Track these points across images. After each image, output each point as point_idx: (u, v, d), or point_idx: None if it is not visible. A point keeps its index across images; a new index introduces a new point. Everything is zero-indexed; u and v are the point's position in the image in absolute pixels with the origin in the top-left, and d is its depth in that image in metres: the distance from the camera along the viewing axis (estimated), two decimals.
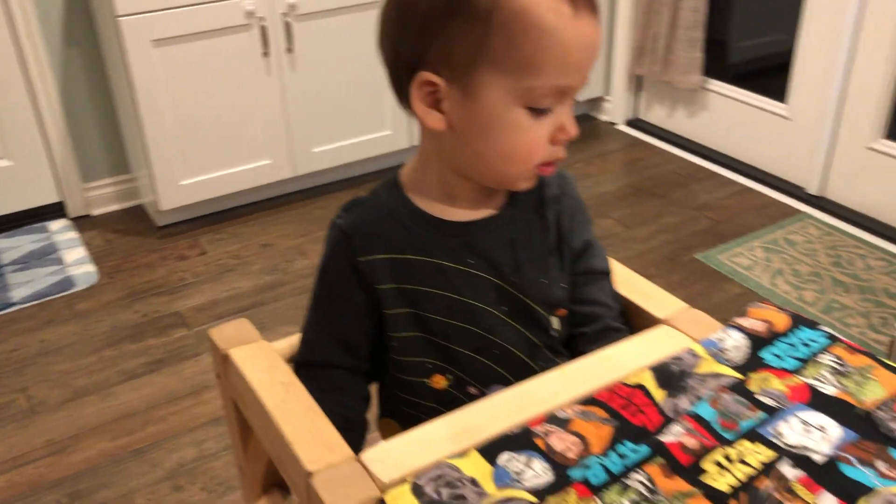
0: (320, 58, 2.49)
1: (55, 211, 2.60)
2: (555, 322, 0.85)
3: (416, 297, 0.80)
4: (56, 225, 2.55)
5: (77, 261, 2.35)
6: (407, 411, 0.86)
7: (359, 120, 2.64)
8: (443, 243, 0.80)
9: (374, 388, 0.92)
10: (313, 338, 0.85)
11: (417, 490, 0.60)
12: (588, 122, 3.24)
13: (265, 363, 0.75)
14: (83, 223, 2.60)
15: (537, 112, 0.72)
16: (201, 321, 2.10)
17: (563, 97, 0.72)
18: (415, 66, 0.72)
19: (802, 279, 2.19)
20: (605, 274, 0.88)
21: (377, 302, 0.81)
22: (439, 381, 0.83)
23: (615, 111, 3.18)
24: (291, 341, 0.86)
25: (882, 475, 0.61)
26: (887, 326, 1.98)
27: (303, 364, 0.85)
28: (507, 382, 0.81)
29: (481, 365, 0.82)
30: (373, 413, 0.91)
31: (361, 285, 0.81)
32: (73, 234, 2.50)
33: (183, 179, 2.43)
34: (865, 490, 0.60)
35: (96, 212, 2.66)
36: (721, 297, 2.13)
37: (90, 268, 2.32)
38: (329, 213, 2.69)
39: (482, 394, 0.83)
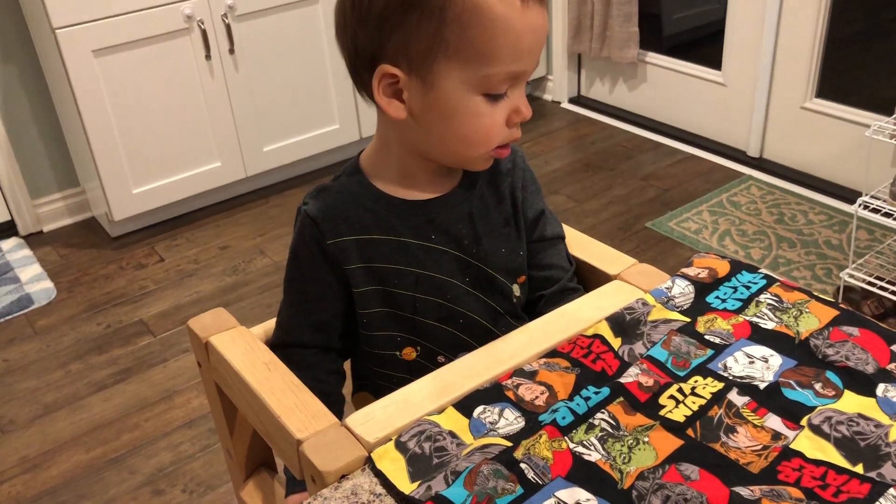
0: (263, 57, 2.50)
1: (6, 230, 2.57)
2: (516, 289, 0.90)
3: (384, 275, 0.85)
4: (8, 244, 2.52)
5: (33, 278, 2.34)
6: (380, 384, 0.91)
7: (306, 116, 2.66)
8: (406, 222, 0.84)
9: (347, 365, 0.96)
10: (287, 320, 0.89)
11: (401, 446, 0.64)
12: (533, 102, 3.30)
13: (246, 346, 0.79)
14: (36, 240, 2.58)
15: (494, 98, 0.76)
16: (166, 327, 2.11)
17: (517, 81, 0.77)
18: (374, 59, 0.76)
19: (749, 238, 2.28)
20: (560, 238, 0.93)
21: (347, 282, 0.85)
22: (409, 353, 0.88)
23: (558, 90, 3.24)
24: (267, 326, 0.90)
25: (818, 395, 0.67)
26: (831, 276, 2.07)
27: (278, 346, 0.88)
28: (473, 350, 0.86)
29: (448, 334, 0.87)
30: (348, 389, 0.95)
31: (331, 267, 0.85)
32: (26, 252, 2.48)
33: (134, 188, 2.43)
34: (806, 409, 0.66)
35: (48, 227, 2.63)
36: (674, 262, 2.21)
37: (48, 284, 2.31)
38: (285, 211, 2.71)
39: (451, 362, 0.87)
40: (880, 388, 0.67)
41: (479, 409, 0.68)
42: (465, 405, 0.68)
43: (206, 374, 0.85)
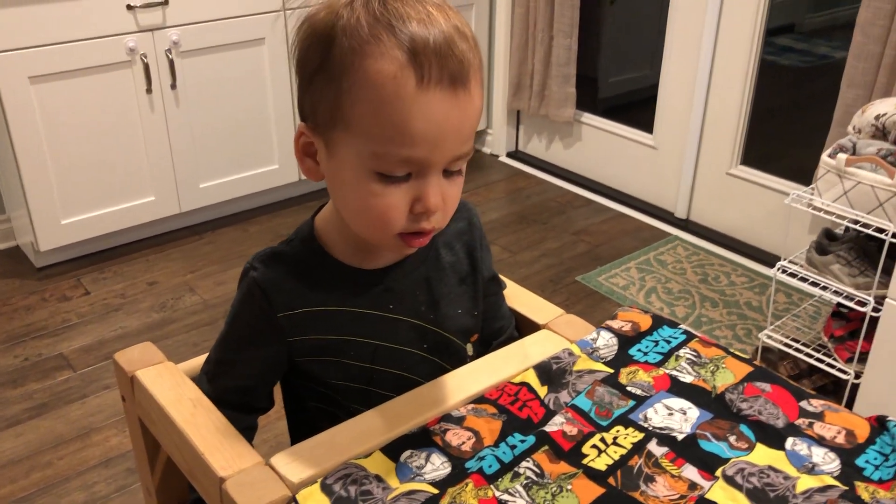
0: (205, 94, 2.50)
1: None
2: (469, 348, 0.89)
3: (341, 346, 0.81)
4: None
5: None
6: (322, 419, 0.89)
7: (245, 155, 2.65)
8: (363, 292, 0.81)
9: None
10: (214, 376, 0.85)
11: (326, 488, 0.64)
12: (472, 155, 3.37)
13: (172, 381, 0.78)
14: None
15: (389, 179, 0.69)
16: (88, 362, 2.04)
17: (420, 168, 0.70)
18: (301, 114, 0.76)
19: (674, 296, 2.35)
20: (503, 288, 0.95)
21: (291, 354, 0.82)
22: None
23: (497, 144, 3.32)
24: (195, 364, 0.88)
25: (733, 447, 0.70)
26: (751, 336, 2.15)
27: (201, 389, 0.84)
28: None
29: None
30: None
31: (275, 338, 0.81)
32: None
33: (63, 218, 2.37)
34: (721, 461, 0.69)
35: None
36: (601, 315, 2.25)
37: None
38: (217, 249, 2.66)
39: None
40: (789, 442, 0.71)
41: (406, 453, 0.68)
42: (392, 449, 0.69)
43: (129, 409, 0.84)
